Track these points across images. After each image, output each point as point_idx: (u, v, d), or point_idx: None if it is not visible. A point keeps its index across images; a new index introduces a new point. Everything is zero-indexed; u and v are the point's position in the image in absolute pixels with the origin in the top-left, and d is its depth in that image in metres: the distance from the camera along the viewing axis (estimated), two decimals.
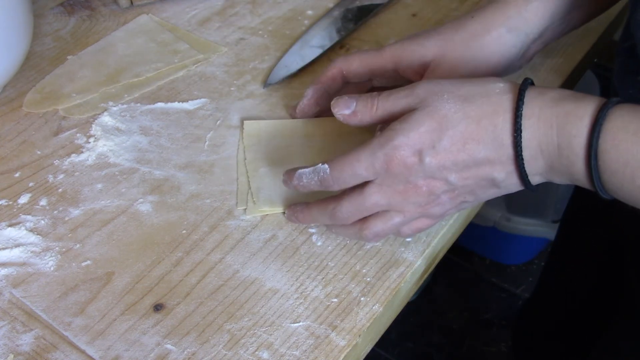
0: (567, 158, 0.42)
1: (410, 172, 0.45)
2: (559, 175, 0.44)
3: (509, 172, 0.44)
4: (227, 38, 0.71)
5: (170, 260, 0.50)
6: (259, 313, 0.46)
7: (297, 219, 0.51)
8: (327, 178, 0.47)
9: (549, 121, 0.42)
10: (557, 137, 0.42)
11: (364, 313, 0.46)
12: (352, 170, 0.46)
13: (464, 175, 0.45)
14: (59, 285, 0.48)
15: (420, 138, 0.44)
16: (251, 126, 0.59)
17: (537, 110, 0.43)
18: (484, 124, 0.43)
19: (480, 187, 0.46)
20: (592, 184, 0.42)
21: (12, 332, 0.46)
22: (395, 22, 0.72)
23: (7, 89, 0.65)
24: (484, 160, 0.44)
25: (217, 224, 0.52)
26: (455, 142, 0.44)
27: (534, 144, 0.43)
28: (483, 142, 0.44)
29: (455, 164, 0.44)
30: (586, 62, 0.69)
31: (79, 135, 0.60)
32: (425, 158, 0.44)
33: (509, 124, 0.43)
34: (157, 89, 0.65)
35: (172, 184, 0.55)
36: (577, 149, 0.42)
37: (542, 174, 0.45)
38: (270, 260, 0.50)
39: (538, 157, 0.43)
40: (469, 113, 0.44)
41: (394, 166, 0.44)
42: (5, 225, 0.52)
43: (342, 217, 0.48)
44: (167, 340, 0.45)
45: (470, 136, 0.43)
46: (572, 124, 0.42)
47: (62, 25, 0.73)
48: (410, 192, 0.45)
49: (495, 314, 1.47)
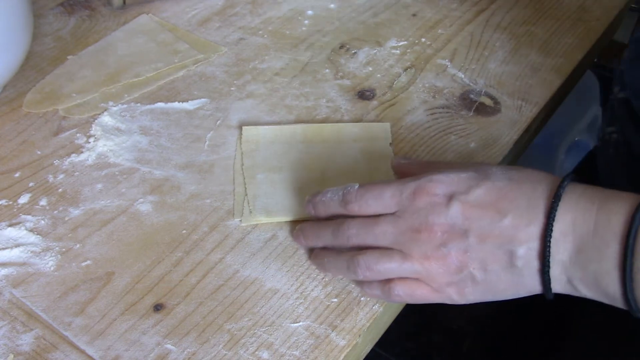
0: (602, 237, 0.39)
1: (434, 210, 0.42)
2: (584, 267, 0.40)
3: (531, 248, 0.41)
4: (227, 38, 0.71)
5: (170, 260, 0.50)
6: (259, 313, 0.46)
7: (302, 234, 0.49)
8: (351, 193, 0.45)
9: (591, 199, 0.40)
10: (595, 215, 0.39)
11: (364, 313, 0.46)
12: (378, 191, 0.44)
13: (483, 236, 0.41)
14: (59, 285, 0.48)
15: (459, 182, 0.43)
16: (250, 132, 0.59)
17: (580, 189, 0.41)
18: (525, 187, 0.42)
19: (495, 261, 0.41)
20: (623, 271, 0.38)
21: (12, 332, 0.46)
22: (395, 22, 0.72)
23: (7, 89, 0.65)
24: (510, 226, 0.41)
25: (217, 224, 0.52)
26: (489, 195, 0.42)
27: (568, 217, 0.40)
28: (517, 202, 0.41)
29: (480, 219, 0.41)
30: (586, 62, 0.70)
31: (79, 135, 0.60)
32: (455, 202, 0.42)
33: (548, 190, 0.41)
34: (157, 89, 0.65)
35: (172, 184, 0.55)
36: (615, 225, 0.38)
37: (566, 262, 0.40)
38: (271, 260, 0.50)
39: (568, 235, 0.40)
40: (513, 176, 0.43)
41: (420, 198, 0.43)
42: (5, 225, 0.52)
43: (344, 232, 0.45)
44: (167, 340, 0.45)
45: (506, 194, 0.41)
46: (613, 203, 0.39)
47: (62, 25, 0.73)
48: (423, 233, 0.42)
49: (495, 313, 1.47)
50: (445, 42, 0.69)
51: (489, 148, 0.57)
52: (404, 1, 0.76)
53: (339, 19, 0.74)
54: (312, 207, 0.48)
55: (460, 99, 0.62)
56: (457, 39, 0.70)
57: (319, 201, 0.48)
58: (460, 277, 0.42)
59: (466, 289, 0.43)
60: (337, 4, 0.76)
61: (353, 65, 0.67)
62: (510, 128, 0.59)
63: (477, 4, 0.75)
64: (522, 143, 0.60)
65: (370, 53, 0.68)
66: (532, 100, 0.62)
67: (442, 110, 0.61)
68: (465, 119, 0.60)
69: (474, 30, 0.71)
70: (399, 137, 0.59)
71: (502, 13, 0.73)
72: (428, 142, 0.58)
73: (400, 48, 0.69)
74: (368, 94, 0.63)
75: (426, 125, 0.60)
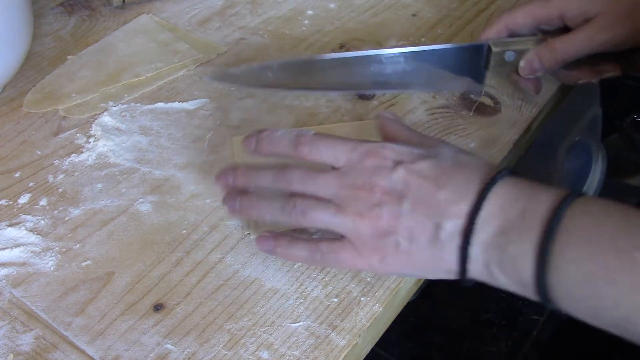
0: (526, 221, 0.39)
1: (379, 172, 0.43)
2: (504, 249, 0.40)
3: (457, 224, 0.41)
4: (227, 38, 0.71)
5: (170, 260, 0.50)
6: (259, 313, 0.46)
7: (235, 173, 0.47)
8: (306, 135, 0.45)
9: (523, 188, 0.41)
10: (524, 201, 0.40)
11: (364, 313, 0.46)
12: (332, 142, 0.45)
13: (417, 205, 0.42)
14: (59, 285, 0.48)
15: (409, 154, 0.44)
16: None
17: (515, 179, 0.42)
18: (467, 169, 0.43)
19: (421, 232, 0.42)
20: (540, 255, 0.38)
21: (12, 332, 0.46)
22: (395, 22, 0.72)
23: (7, 89, 0.65)
24: (444, 200, 0.42)
25: (217, 224, 0.52)
26: (434, 169, 0.43)
27: (498, 201, 0.41)
28: (455, 180, 0.43)
29: (418, 188, 0.43)
30: None
31: (79, 135, 0.60)
32: (400, 168, 0.43)
33: (487, 175, 0.42)
34: (157, 88, 0.65)
35: (172, 184, 0.55)
36: (541, 210, 0.39)
37: (487, 243, 0.41)
38: (271, 260, 0.50)
39: (495, 217, 0.41)
40: (460, 159, 0.44)
41: (369, 158, 0.44)
42: (6, 225, 0.52)
43: (287, 175, 0.45)
44: (167, 340, 0.45)
45: (448, 172, 0.43)
46: (544, 193, 0.40)
47: (62, 25, 0.73)
48: (362, 192, 0.43)
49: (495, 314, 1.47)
50: (445, 42, 0.69)
51: (489, 148, 0.57)
52: (404, 1, 0.76)
53: (339, 19, 0.74)
54: (255, 141, 0.47)
55: (461, 99, 0.62)
56: (457, 40, 0.70)
57: (266, 137, 0.46)
58: (385, 243, 0.43)
59: (388, 257, 0.43)
60: (337, 4, 0.76)
61: None
62: (510, 128, 0.59)
63: (477, 4, 0.75)
64: (522, 143, 0.60)
65: None
66: (532, 100, 0.62)
67: (442, 110, 0.61)
68: (466, 119, 0.60)
69: (474, 30, 0.71)
70: None
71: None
72: None
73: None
74: (368, 94, 0.63)
75: (426, 126, 0.60)
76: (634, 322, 0.35)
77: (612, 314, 0.36)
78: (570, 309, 0.39)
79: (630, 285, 0.35)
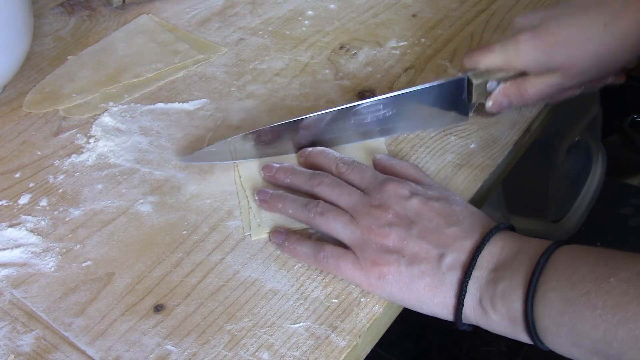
0: (518, 260, 0.43)
1: (396, 199, 0.47)
2: (496, 285, 0.43)
3: (459, 258, 0.44)
4: (227, 38, 0.71)
5: (171, 260, 0.50)
6: (259, 314, 0.46)
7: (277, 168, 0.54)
8: (333, 153, 0.52)
9: (522, 237, 0.45)
10: (520, 245, 0.44)
11: (364, 314, 0.46)
12: (360, 169, 0.51)
13: (425, 234, 0.46)
14: (60, 285, 0.48)
15: (424, 192, 0.48)
16: (247, 171, 0.56)
17: (516, 232, 0.46)
18: (474, 217, 0.47)
19: (425, 258, 0.45)
20: (527, 287, 0.41)
21: (13, 332, 0.46)
22: (395, 22, 0.72)
23: (7, 89, 0.65)
24: (451, 235, 0.45)
25: (217, 225, 0.52)
26: (444, 209, 0.47)
27: (499, 243, 0.44)
28: (464, 222, 0.46)
29: (429, 220, 0.46)
30: None
31: (79, 136, 0.60)
32: (416, 198, 0.47)
33: (489, 225, 0.46)
34: (157, 89, 0.65)
35: (172, 185, 0.55)
36: (533, 250, 0.43)
37: (483, 278, 0.44)
38: (271, 260, 0.50)
39: (494, 256, 0.44)
40: (468, 208, 0.48)
41: (389, 186, 0.48)
42: (6, 225, 0.52)
43: (320, 178, 0.51)
44: (168, 341, 0.45)
45: (458, 214, 0.47)
46: (540, 240, 0.44)
47: (62, 25, 0.73)
48: (377, 211, 0.47)
49: None
50: (445, 42, 0.69)
51: (489, 148, 0.57)
52: (404, 1, 0.76)
53: (339, 19, 0.74)
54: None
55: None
56: (457, 40, 0.70)
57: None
58: (387, 258, 0.45)
59: (388, 275, 0.45)
60: (337, 5, 0.76)
61: (353, 66, 0.67)
62: (510, 128, 0.59)
63: (477, 4, 0.75)
64: (522, 143, 0.60)
65: (370, 53, 0.68)
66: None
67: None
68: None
69: (474, 31, 0.71)
70: (399, 137, 0.59)
71: (502, 13, 0.73)
72: (428, 142, 0.58)
73: (400, 48, 0.69)
74: (368, 95, 0.63)
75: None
76: (610, 342, 0.37)
77: (592, 336, 0.38)
78: (554, 341, 0.41)
79: (606, 307, 0.38)
